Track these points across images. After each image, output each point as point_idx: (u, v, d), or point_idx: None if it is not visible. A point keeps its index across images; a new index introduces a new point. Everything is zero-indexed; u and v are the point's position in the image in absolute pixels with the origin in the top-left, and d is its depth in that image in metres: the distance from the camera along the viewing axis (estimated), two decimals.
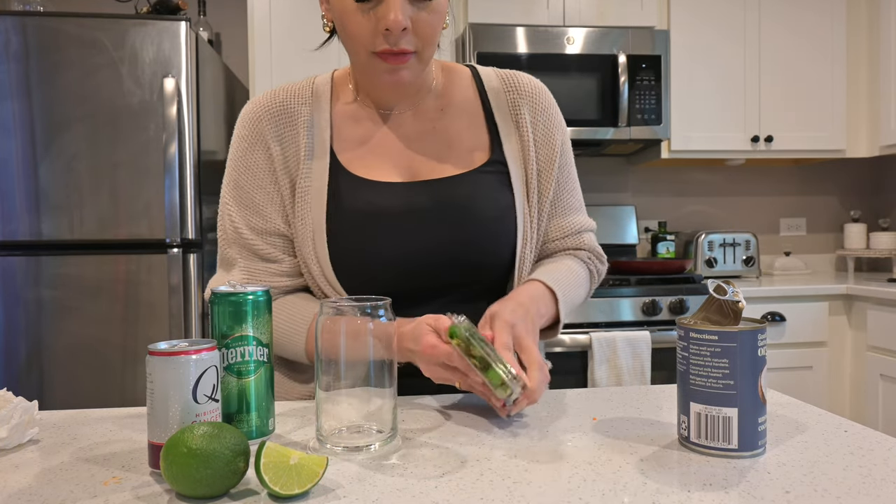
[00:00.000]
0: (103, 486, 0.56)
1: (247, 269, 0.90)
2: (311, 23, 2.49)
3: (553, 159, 0.96)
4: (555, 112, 0.99)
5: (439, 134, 0.94)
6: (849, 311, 2.53)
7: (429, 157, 0.93)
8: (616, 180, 3.06)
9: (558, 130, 0.98)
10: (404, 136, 0.93)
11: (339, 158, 0.91)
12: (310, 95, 0.93)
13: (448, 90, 0.97)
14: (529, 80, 0.99)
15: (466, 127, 0.95)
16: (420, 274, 0.89)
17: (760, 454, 0.62)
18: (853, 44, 2.79)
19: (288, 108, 0.91)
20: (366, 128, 0.93)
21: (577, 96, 2.52)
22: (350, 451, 0.64)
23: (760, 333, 0.61)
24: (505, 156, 0.94)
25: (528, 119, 0.96)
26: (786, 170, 3.16)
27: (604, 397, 0.84)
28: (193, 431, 0.53)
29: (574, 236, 0.99)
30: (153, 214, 2.03)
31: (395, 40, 0.81)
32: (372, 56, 0.83)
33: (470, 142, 0.94)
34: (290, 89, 0.93)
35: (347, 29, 0.83)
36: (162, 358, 0.58)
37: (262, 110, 0.91)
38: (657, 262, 2.53)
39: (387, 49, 0.81)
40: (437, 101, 0.96)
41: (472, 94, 0.98)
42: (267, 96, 0.92)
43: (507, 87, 0.97)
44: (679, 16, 2.68)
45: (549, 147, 0.96)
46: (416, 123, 0.94)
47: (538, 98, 0.97)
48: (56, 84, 2.00)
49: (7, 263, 2.00)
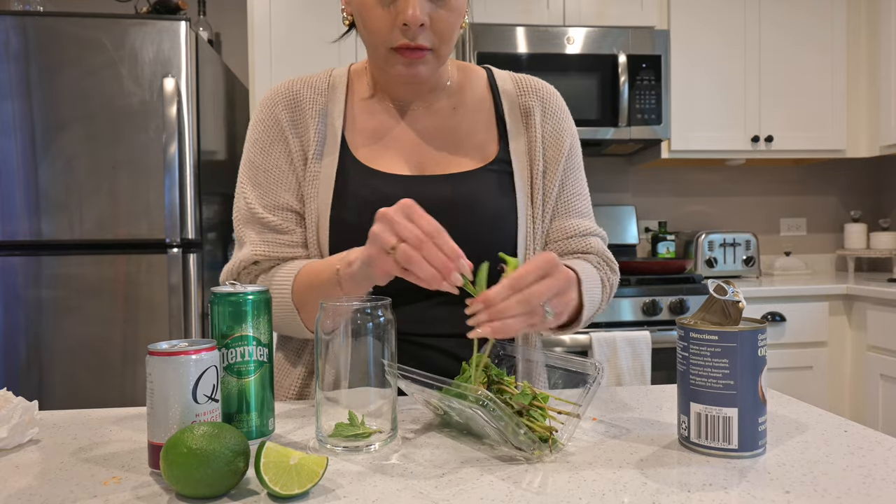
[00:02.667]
0: (103, 486, 0.56)
1: (259, 241, 0.91)
2: (311, 23, 2.49)
3: (559, 159, 0.96)
4: (565, 116, 1.00)
5: (450, 131, 0.96)
6: (849, 311, 2.53)
7: (438, 153, 0.94)
8: (616, 180, 3.06)
9: (567, 133, 0.98)
10: (417, 132, 0.95)
11: (351, 148, 0.93)
12: (326, 87, 0.96)
13: (462, 89, 0.99)
14: (543, 83, 1.00)
15: (477, 126, 0.96)
16: None
17: (760, 454, 0.62)
18: (853, 43, 2.79)
19: (302, 98, 0.94)
20: (380, 121, 0.96)
21: (577, 96, 2.52)
22: (350, 451, 0.64)
23: (760, 333, 0.61)
24: (510, 155, 0.95)
25: (538, 119, 0.97)
26: (786, 170, 3.16)
27: (604, 397, 0.84)
28: (193, 431, 0.53)
29: (578, 238, 0.97)
30: (153, 214, 2.03)
31: (413, 35, 0.83)
32: (390, 51, 0.85)
33: (479, 140, 0.96)
34: (308, 80, 0.97)
35: (367, 23, 0.85)
36: (162, 358, 0.58)
37: (278, 97, 0.94)
38: (657, 262, 2.53)
39: (404, 44, 0.83)
40: (450, 99, 0.98)
41: (486, 95, 0.99)
42: (284, 85, 0.96)
43: (520, 90, 0.98)
44: (679, 16, 2.68)
45: (556, 148, 0.97)
46: (429, 120, 0.96)
47: (550, 100, 0.99)
48: (56, 84, 2.00)
49: (7, 263, 2.00)
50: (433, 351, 0.90)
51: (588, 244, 0.97)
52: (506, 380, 0.70)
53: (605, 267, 0.98)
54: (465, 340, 0.91)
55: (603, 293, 0.97)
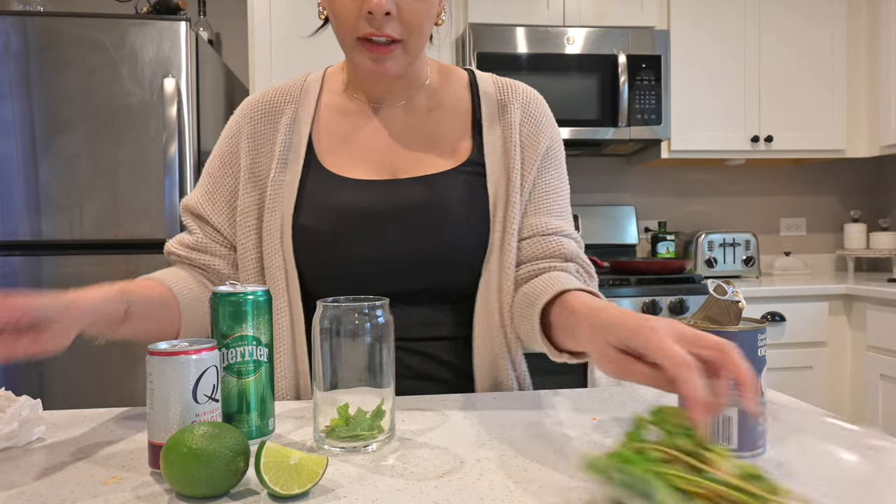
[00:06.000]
0: (103, 486, 0.56)
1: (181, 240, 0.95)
2: (311, 23, 2.49)
3: (535, 158, 0.93)
4: (545, 118, 0.96)
5: (425, 132, 0.94)
6: (849, 311, 2.53)
7: (411, 154, 0.92)
8: (616, 180, 3.06)
9: (545, 134, 0.94)
10: (390, 132, 0.94)
11: (318, 153, 0.92)
12: (298, 93, 0.96)
13: (441, 90, 0.97)
14: (526, 88, 0.98)
15: (453, 128, 0.94)
16: (385, 274, 0.87)
17: (760, 454, 0.62)
18: (853, 44, 2.79)
19: (272, 108, 0.95)
20: (352, 123, 0.94)
21: (577, 96, 2.52)
22: (348, 451, 0.64)
23: (760, 333, 0.61)
24: (484, 157, 0.92)
25: (516, 121, 0.94)
26: (786, 170, 3.16)
27: (604, 397, 0.84)
28: (193, 431, 0.53)
29: (550, 238, 0.90)
30: (153, 214, 2.03)
31: (379, 24, 0.81)
32: (356, 42, 0.83)
33: (453, 142, 0.93)
34: (281, 88, 0.97)
35: (334, 11, 0.84)
36: (162, 358, 0.58)
37: (248, 110, 0.96)
38: (657, 262, 2.53)
39: (370, 33, 0.81)
40: (428, 99, 0.96)
41: (465, 97, 0.97)
42: (257, 96, 0.97)
43: (500, 92, 0.96)
44: (679, 16, 2.68)
45: (533, 149, 0.93)
46: (404, 119, 0.94)
47: (529, 102, 0.95)
48: (56, 84, 2.00)
49: (7, 263, 2.00)
50: (412, 354, 0.89)
51: (561, 246, 0.89)
52: (715, 449, 0.49)
53: (584, 275, 0.91)
54: (445, 343, 0.91)
55: None
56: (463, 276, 0.90)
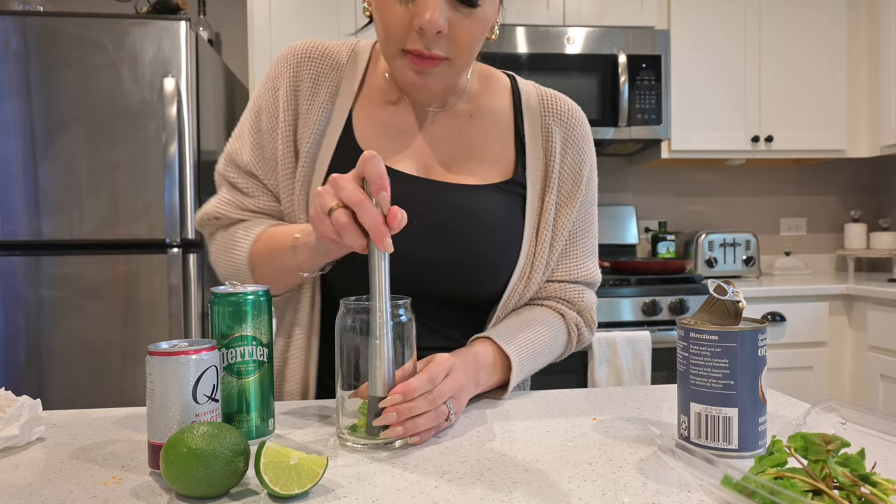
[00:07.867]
0: (103, 486, 0.56)
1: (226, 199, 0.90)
2: (311, 23, 2.49)
3: (576, 194, 0.91)
4: (587, 146, 0.94)
5: (464, 140, 0.90)
6: (849, 311, 2.53)
7: (447, 159, 0.89)
8: (616, 180, 3.06)
9: (587, 165, 0.93)
10: (428, 132, 0.90)
11: (356, 132, 0.88)
12: (345, 62, 0.90)
13: (482, 96, 0.93)
14: (569, 105, 0.94)
15: (493, 139, 0.91)
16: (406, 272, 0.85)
17: (760, 454, 0.62)
18: (853, 43, 2.79)
19: (318, 70, 0.89)
20: (391, 112, 0.90)
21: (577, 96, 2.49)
22: (371, 448, 0.64)
23: (760, 333, 0.61)
24: (526, 179, 0.90)
25: (558, 147, 0.91)
26: (786, 170, 3.16)
27: (604, 397, 0.84)
28: (193, 431, 0.53)
29: (577, 288, 0.94)
30: (153, 214, 2.03)
31: (428, 42, 0.76)
32: (401, 52, 0.79)
33: (494, 155, 0.90)
34: (329, 50, 0.90)
35: (382, 20, 0.78)
36: (162, 358, 0.58)
37: (293, 59, 0.89)
38: (657, 262, 2.53)
39: (417, 49, 0.76)
40: (468, 104, 0.92)
41: (507, 106, 0.93)
42: (305, 49, 0.89)
43: (544, 109, 0.92)
44: (679, 15, 2.68)
45: (574, 181, 0.91)
46: (443, 123, 0.91)
47: (574, 126, 0.93)
48: (56, 84, 2.00)
49: (7, 263, 2.00)
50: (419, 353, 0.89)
51: (581, 299, 0.94)
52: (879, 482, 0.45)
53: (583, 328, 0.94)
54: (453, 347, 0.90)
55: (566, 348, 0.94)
56: (480, 295, 0.89)
